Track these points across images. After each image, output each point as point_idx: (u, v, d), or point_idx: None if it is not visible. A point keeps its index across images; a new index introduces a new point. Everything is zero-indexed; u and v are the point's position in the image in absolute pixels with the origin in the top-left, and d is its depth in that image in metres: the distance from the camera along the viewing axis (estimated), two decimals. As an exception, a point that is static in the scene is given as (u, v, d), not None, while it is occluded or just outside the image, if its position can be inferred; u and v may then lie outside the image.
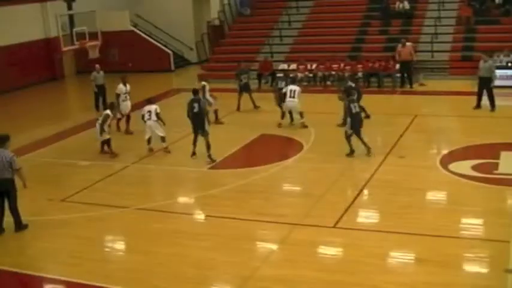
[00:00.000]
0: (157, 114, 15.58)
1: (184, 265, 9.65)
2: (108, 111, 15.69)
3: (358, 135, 14.37)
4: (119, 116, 17.69)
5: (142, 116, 15.71)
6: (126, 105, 17.86)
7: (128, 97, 18.04)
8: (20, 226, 11.26)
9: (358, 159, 14.52)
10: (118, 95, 17.83)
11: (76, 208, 12.29)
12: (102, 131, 15.45)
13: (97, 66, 21.62)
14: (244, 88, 20.36)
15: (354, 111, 14.28)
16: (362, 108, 16.95)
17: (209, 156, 14.77)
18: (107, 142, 15.72)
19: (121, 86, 18.00)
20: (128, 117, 17.98)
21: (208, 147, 14.76)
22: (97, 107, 21.70)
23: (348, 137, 14.33)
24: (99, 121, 15.53)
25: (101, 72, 21.45)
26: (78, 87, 29.47)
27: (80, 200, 12.79)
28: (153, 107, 15.67)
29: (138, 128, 16.78)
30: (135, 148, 16.30)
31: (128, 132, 17.99)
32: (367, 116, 16.87)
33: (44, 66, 28.99)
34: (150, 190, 13.24)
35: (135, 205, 12.25)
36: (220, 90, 24.30)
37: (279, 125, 17.55)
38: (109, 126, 15.76)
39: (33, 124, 20.64)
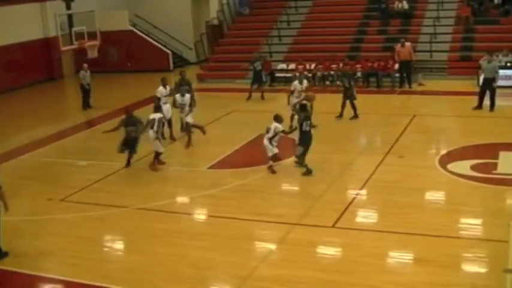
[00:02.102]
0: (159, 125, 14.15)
1: (183, 265, 9.66)
2: (159, 115, 14.22)
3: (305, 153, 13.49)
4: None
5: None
6: (167, 109, 16.18)
7: (169, 100, 16.68)
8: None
9: (357, 159, 14.54)
10: (158, 98, 16.56)
11: (75, 208, 12.28)
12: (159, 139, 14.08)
13: (85, 65, 21.94)
14: (257, 78, 21.73)
15: (304, 129, 13.34)
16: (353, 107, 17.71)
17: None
18: (157, 154, 14.27)
19: (161, 88, 16.72)
20: (170, 122, 16.53)
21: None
22: (86, 105, 21.95)
23: (299, 157, 13.50)
24: (154, 128, 13.96)
25: (88, 72, 21.77)
26: (76, 87, 29.05)
27: (79, 199, 12.79)
28: (157, 116, 14.23)
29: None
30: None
31: (172, 138, 16.67)
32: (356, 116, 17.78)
33: (43, 66, 28.93)
34: (150, 190, 13.22)
35: (135, 205, 12.25)
36: (220, 90, 24.47)
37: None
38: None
39: (32, 124, 20.62)
